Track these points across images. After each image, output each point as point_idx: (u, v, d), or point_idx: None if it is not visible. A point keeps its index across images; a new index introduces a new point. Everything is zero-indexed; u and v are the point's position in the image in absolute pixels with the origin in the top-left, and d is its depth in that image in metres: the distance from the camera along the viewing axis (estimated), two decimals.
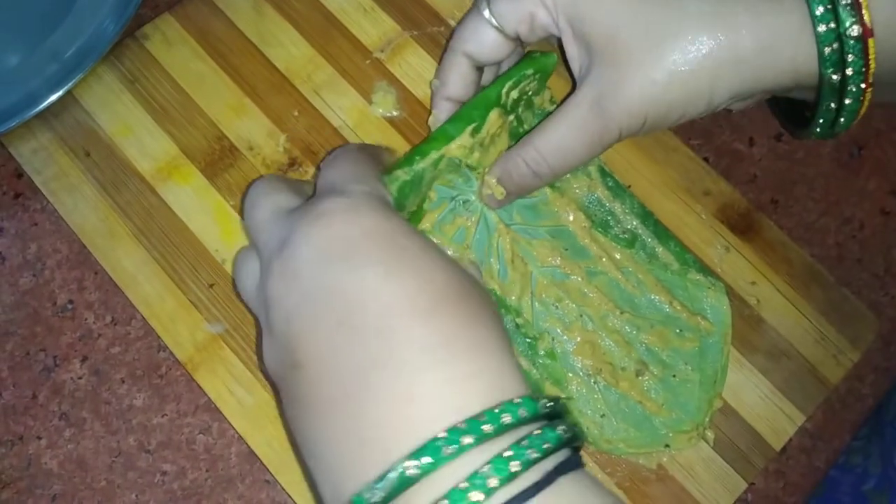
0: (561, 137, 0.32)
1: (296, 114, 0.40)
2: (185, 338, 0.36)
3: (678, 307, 0.37)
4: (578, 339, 0.36)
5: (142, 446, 0.35)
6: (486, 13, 0.33)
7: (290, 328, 0.24)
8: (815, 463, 0.38)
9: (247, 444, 0.35)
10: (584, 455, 0.35)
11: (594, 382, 0.36)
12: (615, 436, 0.35)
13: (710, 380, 0.36)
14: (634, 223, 0.38)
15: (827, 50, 0.28)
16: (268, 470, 0.34)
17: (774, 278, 0.39)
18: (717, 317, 0.37)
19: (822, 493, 0.40)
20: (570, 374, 0.36)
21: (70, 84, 0.37)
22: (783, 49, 0.29)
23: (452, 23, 0.42)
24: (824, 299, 0.38)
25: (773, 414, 0.36)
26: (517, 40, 0.34)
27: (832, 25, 0.27)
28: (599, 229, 0.38)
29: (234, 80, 0.40)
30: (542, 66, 0.36)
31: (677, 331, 0.37)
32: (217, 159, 0.39)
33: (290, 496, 0.34)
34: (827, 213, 0.42)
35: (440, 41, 0.42)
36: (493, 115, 0.35)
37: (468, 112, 0.34)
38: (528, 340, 0.36)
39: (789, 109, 0.36)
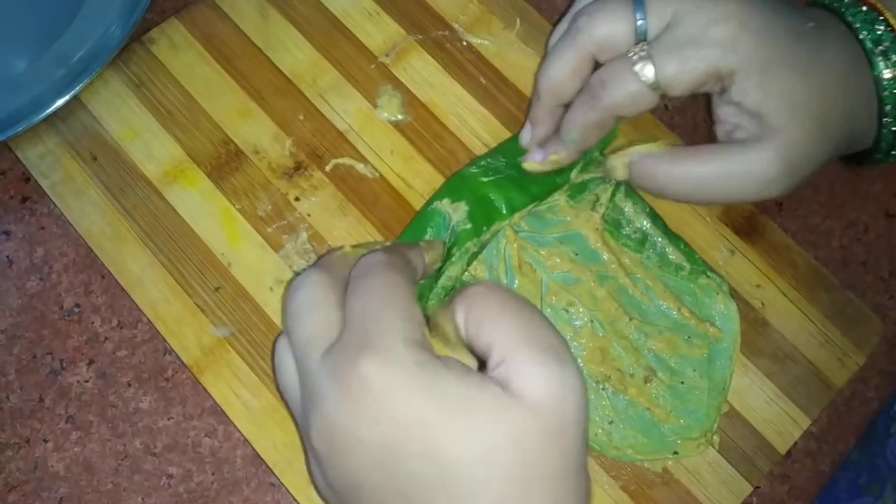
0: (705, 175, 0.33)
1: (301, 118, 0.40)
2: (191, 341, 0.36)
3: (686, 314, 0.37)
4: (590, 345, 0.36)
5: (148, 449, 0.35)
6: (650, 76, 0.32)
7: (337, 473, 0.25)
8: (821, 466, 0.37)
9: (252, 447, 0.35)
10: (591, 458, 0.35)
11: (602, 389, 0.36)
12: (623, 442, 0.35)
13: (718, 387, 0.36)
14: (645, 223, 0.38)
15: (888, 107, 0.33)
16: (273, 473, 0.34)
17: (779, 281, 0.39)
18: (725, 323, 0.37)
19: (823, 491, 0.40)
20: None
21: (77, 89, 0.38)
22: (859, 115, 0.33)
23: (457, 26, 0.42)
24: (829, 302, 0.38)
25: (778, 417, 0.36)
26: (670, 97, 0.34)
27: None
28: (611, 229, 0.38)
29: (240, 84, 0.40)
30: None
31: (686, 337, 0.37)
32: (223, 163, 0.39)
33: (295, 499, 0.34)
34: (831, 216, 0.42)
35: (445, 45, 0.42)
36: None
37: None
38: None
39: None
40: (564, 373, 0.24)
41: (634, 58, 0.32)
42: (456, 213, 0.35)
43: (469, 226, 0.35)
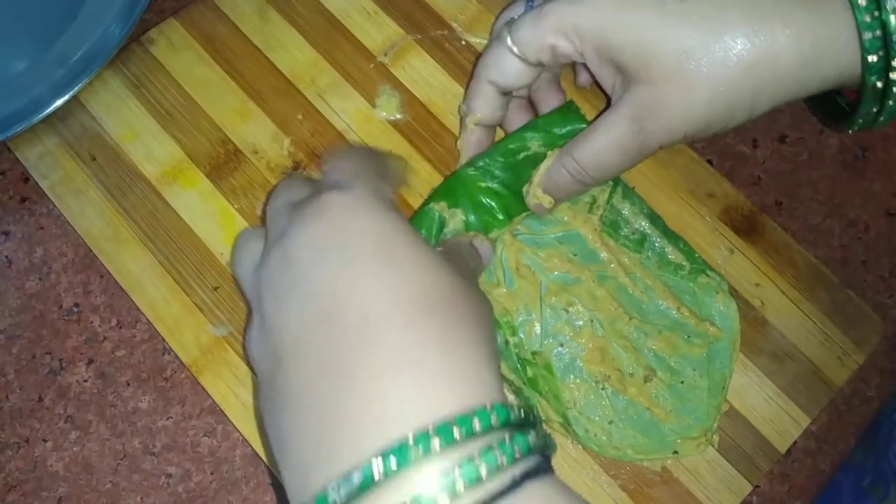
0: (600, 151, 0.33)
1: (300, 117, 0.40)
2: (190, 340, 0.36)
3: (686, 313, 0.37)
4: (589, 345, 0.36)
5: (147, 449, 0.35)
6: (509, 42, 0.34)
7: (278, 317, 0.25)
8: (821, 466, 0.37)
9: (251, 446, 0.35)
10: (589, 457, 0.35)
11: (602, 389, 0.36)
12: (623, 442, 0.35)
13: (718, 386, 0.36)
14: (643, 224, 0.38)
15: (872, 58, 0.28)
16: (272, 472, 0.34)
17: (779, 280, 0.38)
18: (724, 322, 0.37)
19: (825, 494, 0.40)
20: (579, 381, 0.36)
21: (76, 89, 0.38)
22: (826, 59, 0.28)
23: (455, 26, 0.42)
24: (829, 301, 0.38)
25: (777, 416, 0.36)
26: (540, 66, 0.34)
27: (878, 33, 0.27)
28: (609, 230, 0.38)
29: (239, 84, 0.41)
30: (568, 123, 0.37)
31: (685, 337, 0.37)
32: (222, 163, 0.39)
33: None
34: (831, 215, 0.42)
35: (443, 45, 0.42)
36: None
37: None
38: (520, 360, 0.36)
39: (822, 100, 0.36)
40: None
41: (503, 28, 0.34)
42: (453, 219, 0.36)
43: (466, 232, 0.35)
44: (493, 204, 0.36)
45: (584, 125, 0.37)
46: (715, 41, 0.29)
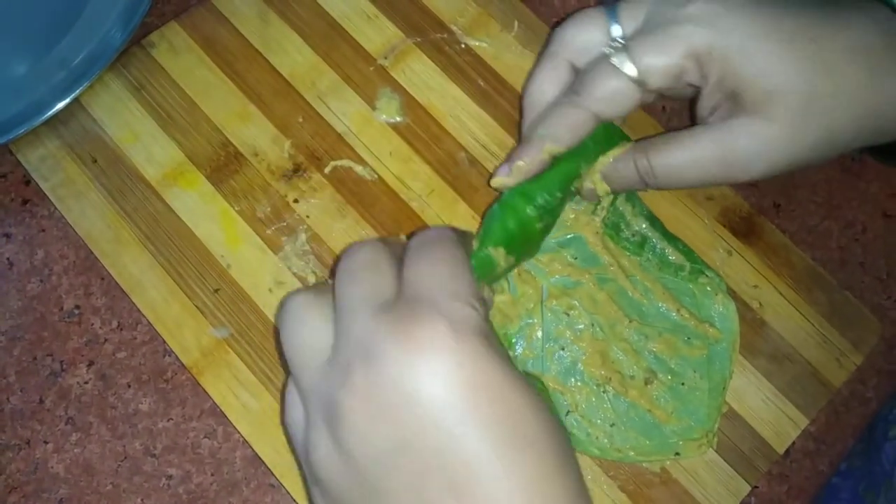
0: (682, 164, 0.32)
1: (300, 120, 0.40)
2: (191, 342, 0.36)
3: (686, 315, 0.37)
4: (590, 349, 0.36)
5: (147, 450, 0.35)
6: (629, 69, 0.31)
7: (385, 481, 0.23)
8: (819, 466, 0.38)
9: (252, 448, 0.35)
10: (588, 459, 0.35)
11: (603, 392, 0.36)
12: (625, 444, 0.35)
13: (718, 387, 0.36)
14: (643, 225, 0.38)
15: None
16: (272, 474, 0.35)
17: (777, 282, 0.39)
18: (724, 324, 0.37)
19: (825, 499, 0.40)
20: (580, 384, 0.36)
21: (77, 92, 0.38)
22: None
23: (455, 29, 0.42)
24: (827, 302, 0.38)
25: (776, 417, 0.36)
26: (654, 92, 0.33)
27: None
28: (611, 232, 0.38)
29: (240, 87, 0.41)
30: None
31: (685, 339, 0.37)
32: (222, 165, 0.39)
33: (294, 500, 0.34)
34: (829, 216, 0.42)
35: (443, 48, 0.42)
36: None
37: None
38: None
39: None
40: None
41: (610, 51, 0.32)
42: (505, 262, 0.34)
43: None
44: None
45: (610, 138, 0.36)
46: (839, 91, 0.30)
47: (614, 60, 0.31)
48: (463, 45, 0.42)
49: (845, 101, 0.30)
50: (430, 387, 0.22)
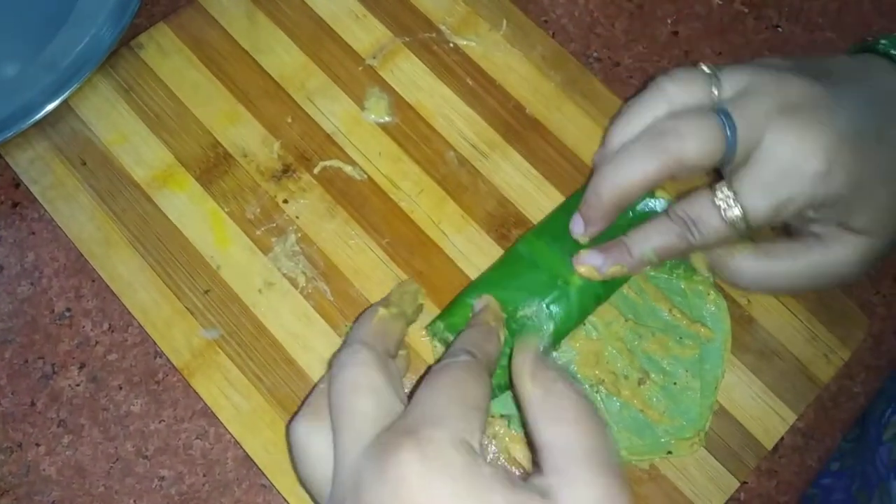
0: (770, 276, 0.33)
1: (289, 120, 0.40)
2: (182, 344, 0.36)
3: (678, 315, 0.37)
4: (584, 349, 0.36)
5: (139, 452, 0.36)
6: (738, 218, 0.31)
7: None
8: (808, 462, 0.38)
9: (243, 448, 0.35)
10: None
11: (596, 392, 0.36)
12: (618, 444, 0.35)
13: (710, 386, 0.36)
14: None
15: None
16: (264, 474, 0.35)
17: None
18: (716, 324, 0.37)
19: (819, 499, 0.40)
20: None
21: (66, 94, 0.38)
22: None
23: (443, 28, 0.43)
24: (815, 298, 0.39)
25: (764, 413, 0.37)
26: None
27: None
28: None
29: (228, 87, 0.41)
30: None
31: (678, 338, 0.37)
32: (212, 166, 0.39)
33: (286, 500, 0.34)
34: None
35: (431, 47, 0.42)
36: None
37: None
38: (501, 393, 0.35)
39: None
40: (612, 492, 0.23)
41: (721, 203, 0.31)
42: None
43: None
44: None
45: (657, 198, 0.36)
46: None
47: (725, 213, 0.31)
48: (451, 45, 0.42)
49: None
50: None
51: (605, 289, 0.35)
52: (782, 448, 0.38)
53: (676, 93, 0.32)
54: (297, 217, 0.39)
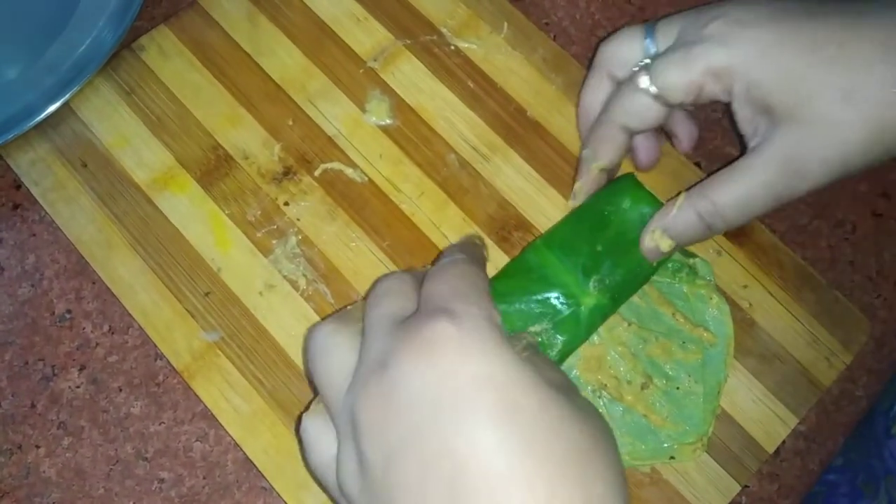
0: (744, 194, 0.32)
1: (290, 123, 0.40)
2: (182, 346, 0.36)
3: (681, 319, 0.37)
4: (585, 353, 0.36)
5: (139, 454, 0.35)
6: (650, 86, 0.34)
7: (392, 476, 0.23)
8: (810, 465, 0.38)
9: (243, 451, 0.35)
10: None
11: (599, 397, 0.36)
12: (621, 449, 0.35)
13: (713, 391, 0.36)
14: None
15: None
16: (264, 477, 0.35)
17: (766, 281, 0.39)
18: (719, 328, 0.37)
19: (824, 496, 0.40)
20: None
21: (67, 96, 0.38)
22: None
23: (444, 31, 0.43)
24: (816, 302, 0.39)
25: (765, 416, 0.36)
26: (678, 106, 0.35)
27: None
28: None
29: (229, 90, 0.41)
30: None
31: (681, 343, 0.37)
32: (212, 169, 0.39)
33: (285, 503, 0.34)
34: (819, 216, 0.42)
35: (433, 49, 0.42)
36: None
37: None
38: None
39: None
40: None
41: (636, 70, 0.34)
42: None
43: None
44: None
45: (644, 198, 0.36)
46: (880, 85, 0.30)
47: (638, 79, 0.34)
48: (452, 47, 0.42)
49: (891, 97, 0.30)
50: (433, 382, 0.23)
51: (613, 306, 0.35)
52: (784, 452, 0.37)
53: (614, 54, 0.36)
54: (298, 219, 0.39)
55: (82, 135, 0.40)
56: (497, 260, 0.38)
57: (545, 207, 0.39)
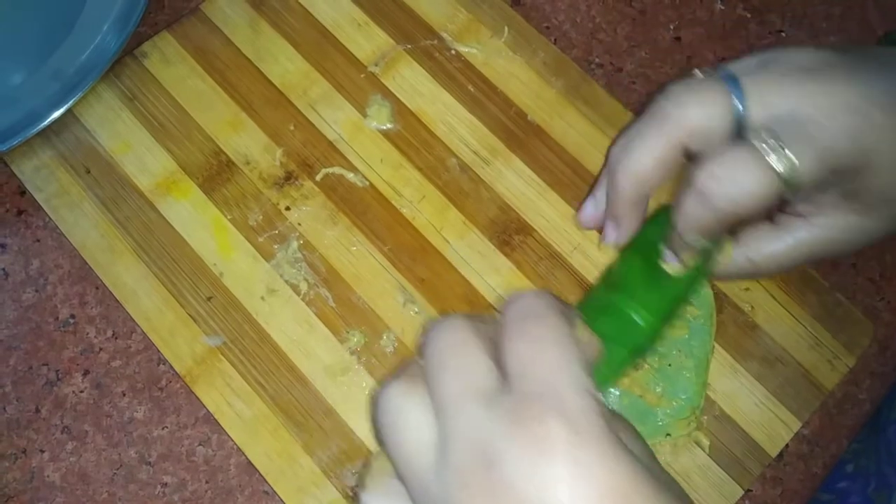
0: (781, 254, 0.32)
1: (292, 128, 0.41)
2: (185, 351, 0.36)
3: None
4: None
5: (142, 458, 0.36)
6: (787, 169, 0.28)
7: None
8: (813, 469, 0.37)
9: (245, 455, 0.35)
10: None
11: None
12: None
13: (702, 364, 0.36)
14: None
15: None
16: (266, 481, 0.35)
17: (768, 284, 0.39)
18: (699, 299, 0.37)
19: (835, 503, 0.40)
20: None
21: (71, 102, 0.38)
22: None
23: (445, 35, 0.43)
24: (819, 304, 0.38)
25: (768, 420, 0.36)
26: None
27: None
28: None
29: (231, 96, 0.41)
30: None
31: None
32: (215, 174, 0.39)
33: None
34: None
35: (433, 54, 0.42)
36: None
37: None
38: None
39: None
40: None
41: (766, 147, 0.28)
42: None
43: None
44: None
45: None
46: None
47: (772, 159, 0.28)
48: (453, 52, 0.42)
49: None
50: (554, 492, 0.21)
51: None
52: (787, 455, 0.37)
53: (698, 119, 0.29)
54: (300, 224, 0.39)
55: (85, 141, 0.40)
56: (497, 264, 0.38)
57: (546, 211, 0.39)
